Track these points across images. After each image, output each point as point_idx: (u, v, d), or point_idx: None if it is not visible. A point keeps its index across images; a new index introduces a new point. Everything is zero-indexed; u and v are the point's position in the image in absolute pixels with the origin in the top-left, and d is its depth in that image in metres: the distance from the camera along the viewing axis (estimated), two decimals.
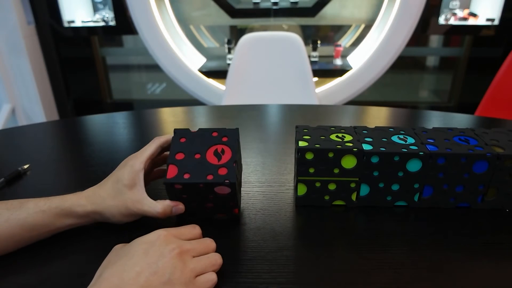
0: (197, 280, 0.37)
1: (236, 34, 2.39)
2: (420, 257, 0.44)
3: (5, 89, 2.10)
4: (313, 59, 2.16)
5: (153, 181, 0.54)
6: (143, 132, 0.86)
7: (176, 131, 0.50)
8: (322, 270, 0.42)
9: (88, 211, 0.45)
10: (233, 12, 2.16)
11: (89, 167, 0.66)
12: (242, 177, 0.60)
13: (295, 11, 2.18)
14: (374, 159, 0.49)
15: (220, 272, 0.39)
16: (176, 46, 2.11)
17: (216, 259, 0.39)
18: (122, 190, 0.44)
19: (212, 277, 0.38)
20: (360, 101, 2.29)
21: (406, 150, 0.49)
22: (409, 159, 0.49)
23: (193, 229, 0.42)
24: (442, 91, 2.50)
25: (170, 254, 0.36)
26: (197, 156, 0.47)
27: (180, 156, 0.47)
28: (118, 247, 0.39)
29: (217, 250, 0.41)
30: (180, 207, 0.46)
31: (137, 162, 0.46)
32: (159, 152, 0.50)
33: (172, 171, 0.45)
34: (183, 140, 0.49)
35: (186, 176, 0.44)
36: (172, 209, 0.45)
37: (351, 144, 0.50)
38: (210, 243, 0.41)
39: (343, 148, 0.49)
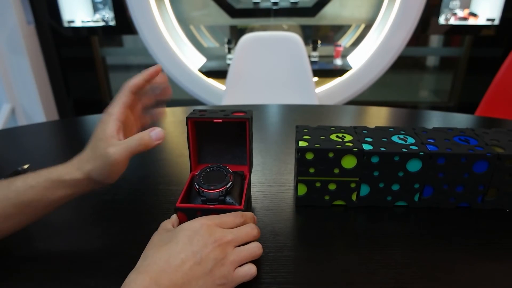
0: (236, 272, 0.38)
1: (236, 34, 2.39)
2: (420, 257, 0.44)
3: (5, 89, 2.10)
4: (313, 59, 2.16)
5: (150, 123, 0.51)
6: None
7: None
8: (322, 270, 0.42)
9: (77, 178, 0.43)
10: (233, 12, 2.16)
11: None
12: None
13: (295, 11, 2.18)
14: (374, 159, 0.49)
15: None
16: (176, 46, 2.11)
17: (255, 250, 0.40)
18: (99, 145, 0.43)
19: (252, 271, 0.38)
20: (360, 101, 2.28)
21: (406, 150, 0.49)
22: (409, 159, 0.49)
23: (236, 218, 0.42)
24: (442, 91, 2.50)
25: (213, 245, 0.37)
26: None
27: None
28: (161, 231, 0.41)
29: None
30: (157, 131, 0.43)
31: (109, 119, 0.44)
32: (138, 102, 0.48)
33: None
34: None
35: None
36: (150, 134, 0.43)
37: (351, 144, 0.50)
38: (250, 230, 0.41)
39: (343, 148, 0.49)
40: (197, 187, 0.45)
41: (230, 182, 0.45)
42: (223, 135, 0.53)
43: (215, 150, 0.54)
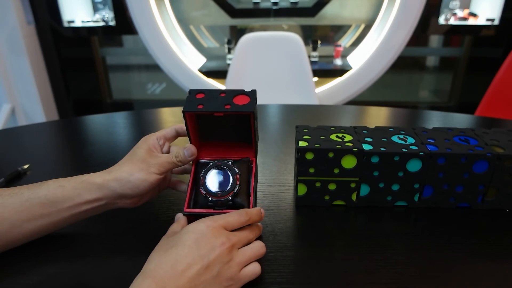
0: (241, 273, 0.38)
1: (236, 34, 2.39)
2: (420, 257, 0.44)
3: (5, 89, 2.09)
4: (313, 59, 2.16)
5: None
6: (143, 132, 0.85)
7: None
8: (322, 270, 0.42)
9: (107, 178, 0.44)
10: (233, 12, 2.16)
11: (89, 167, 0.66)
12: None
13: (295, 11, 2.18)
14: (374, 159, 0.49)
15: None
16: (176, 46, 2.11)
17: (259, 249, 0.40)
18: (138, 152, 0.46)
19: (256, 270, 0.39)
20: (360, 101, 2.28)
21: (406, 150, 0.49)
22: (409, 159, 0.49)
23: (240, 217, 0.41)
24: (442, 91, 2.50)
25: (220, 248, 0.37)
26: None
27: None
28: (169, 234, 0.40)
29: None
30: (188, 147, 0.47)
31: (151, 135, 0.49)
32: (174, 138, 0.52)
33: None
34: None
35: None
36: (184, 151, 0.46)
37: (351, 144, 0.50)
38: (248, 234, 0.41)
39: (343, 148, 0.49)
40: (204, 192, 0.44)
41: (237, 186, 0.45)
42: (226, 120, 0.49)
43: (217, 134, 0.51)
